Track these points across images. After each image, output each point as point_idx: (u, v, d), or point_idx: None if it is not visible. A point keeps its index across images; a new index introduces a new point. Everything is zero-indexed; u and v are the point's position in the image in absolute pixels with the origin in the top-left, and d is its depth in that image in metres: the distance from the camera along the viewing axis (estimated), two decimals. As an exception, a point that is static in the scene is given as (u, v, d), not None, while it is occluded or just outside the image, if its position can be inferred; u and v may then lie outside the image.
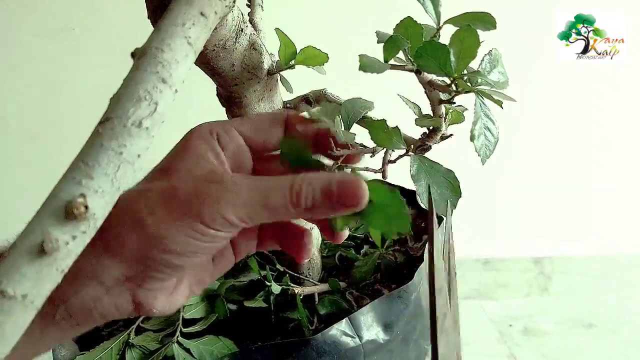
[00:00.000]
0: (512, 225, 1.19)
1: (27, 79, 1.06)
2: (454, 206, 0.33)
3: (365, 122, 0.35)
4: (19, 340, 0.21)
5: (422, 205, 0.33)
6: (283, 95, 0.47)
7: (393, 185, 0.59)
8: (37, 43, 1.04)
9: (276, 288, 0.51)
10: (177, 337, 0.47)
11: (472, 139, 0.32)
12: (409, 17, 0.31)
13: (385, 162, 0.35)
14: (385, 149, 0.35)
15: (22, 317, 0.21)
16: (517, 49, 1.04)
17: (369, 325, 0.45)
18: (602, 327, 1.06)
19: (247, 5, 0.49)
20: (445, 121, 0.35)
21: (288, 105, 0.46)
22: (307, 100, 0.45)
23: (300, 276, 0.56)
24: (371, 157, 0.35)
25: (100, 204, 0.22)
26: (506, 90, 0.33)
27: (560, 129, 1.15)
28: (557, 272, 1.19)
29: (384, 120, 0.33)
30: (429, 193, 0.31)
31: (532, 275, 1.18)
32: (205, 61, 0.38)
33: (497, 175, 1.14)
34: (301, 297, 0.51)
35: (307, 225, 0.54)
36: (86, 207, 0.21)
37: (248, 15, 0.48)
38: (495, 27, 0.31)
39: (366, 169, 0.34)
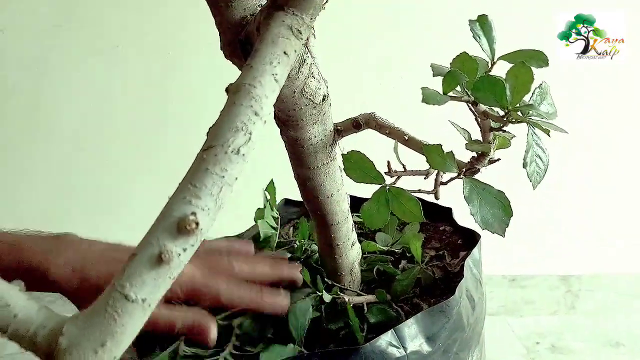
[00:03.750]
0: (539, 242, 1.20)
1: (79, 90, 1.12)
2: (507, 225, 0.35)
3: (423, 146, 0.38)
4: None
5: (479, 225, 0.36)
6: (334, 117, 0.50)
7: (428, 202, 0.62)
8: (89, 59, 1.10)
9: (327, 297, 0.54)
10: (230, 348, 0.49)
11: (524, 165, 0.35)
12: (464, 52, 0.34)
13: (438, 183, 0.38)
14: (437, 171, 0.38)
15: (141, 319, 0.24)
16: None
17: (413, 336, 0.48)
18: (631, 347, 1.07)
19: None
20: (493, 146, 0.38)
21: (339, 127, 0.50)
22: (357, 123, 0.48)
23: (344, 288, 0.59)
24: (425, 179, 0.38)
25: (206, 220, 0.25)
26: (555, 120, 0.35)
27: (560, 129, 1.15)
28: (584, 290, 1.20)
29: (439, 145, 0.36)
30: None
31: (560, 293, 1.19)
32: None
33: (522, 190, 1.15)
34: (351, 306, 0.54)
35: (351, 240, 0.57)
36: (197, 223, 0.25)
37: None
38: (547, 65, 0.34)
39: (419, 190, 0.37)
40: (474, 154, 0.39)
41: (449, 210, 0.65)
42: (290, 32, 0.31)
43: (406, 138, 0.43)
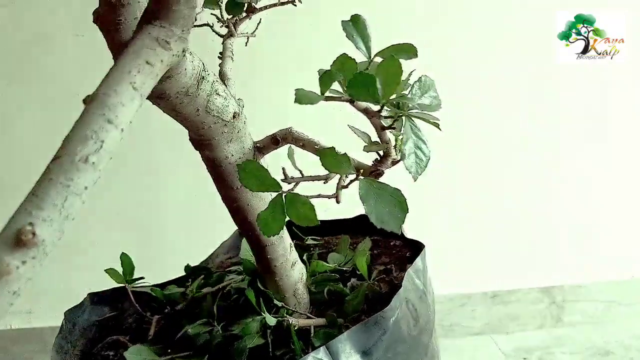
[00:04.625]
0: (517, 255, 1.17)
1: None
2: (402, 221, 0.35)
3: (317, 150, 0.38)
4: None
5: (374, 223, 0.35)
6: (253, 135, 0.50)
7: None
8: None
9: (271, 320, 0.52)
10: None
11: (402, 158, 0.34)
12: (344, 53, 0.34)
13: (339, 187, 0.37)
14: (339, 176, 0.38)
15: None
16: (517, 49, 1.08)
17: (347, 352, 0.46)
18: (620, 355, 1.03)
19: (218, 57, 0.53)
20: (395, 147, 0.38)
21: (258, 145, 0.49)
22: (275, 139, 0.48)
23: (293, 311, 0.57)
24: (324, 183, 0.37)
25: (49, 231, 0.25)
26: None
27: (560, 130, 1.13)
28: (569, 301, 1.16)
29: (333, 148, 0.36)
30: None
31: (544, 305, 1.15)
32: (171, 107, 0.42)
33: (497, 205, 1.13)
34: (295, 329, 0.52)
35: (290, 260, 0.56)
36: (34, 233, 0.24)
37: (219, 65, 0.52)
38: (416, 56, 0.34)
39: (319, 195, 0.36)
40: (377, 156, 0.38)
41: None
42: (156, 43, 0.31)
43: (316, 147, 0.43)
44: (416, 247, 0.63)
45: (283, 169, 0.40)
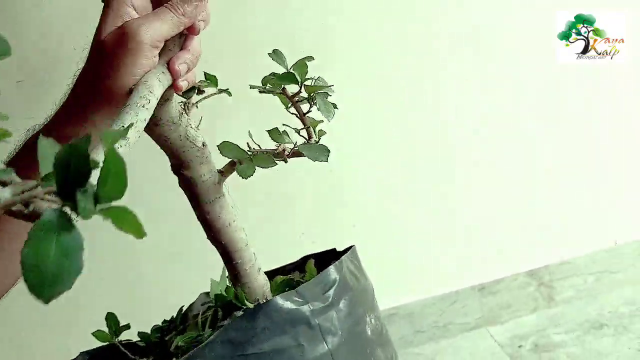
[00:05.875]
0: (496, 243, 1.17)
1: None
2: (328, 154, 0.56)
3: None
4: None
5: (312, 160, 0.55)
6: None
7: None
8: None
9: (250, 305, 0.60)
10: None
11: (318, 108, 0.53)
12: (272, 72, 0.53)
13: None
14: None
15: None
16: (517, 49, 1.08)
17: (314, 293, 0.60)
18: (614, 326, 1.05)
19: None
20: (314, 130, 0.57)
21: (220, 170, 0.60)
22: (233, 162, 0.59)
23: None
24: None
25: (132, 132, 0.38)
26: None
27: (560, 130, 1.15)
28: (557, 280, 1.16)
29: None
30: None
31: (533, 288, 1.16)
32: (162, 133, 0.53)
33: (468, 194, 1.13)
34: None
35: (256, 266, 0.64)
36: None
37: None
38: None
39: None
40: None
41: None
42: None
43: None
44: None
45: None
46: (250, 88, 0.55)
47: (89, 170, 0.23)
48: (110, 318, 0.64)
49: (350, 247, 0.69)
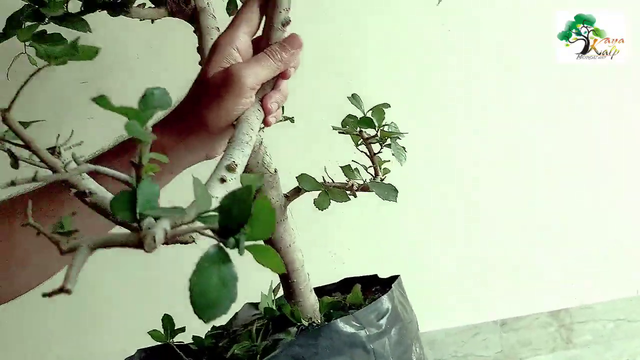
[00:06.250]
0: (521, 282, 1.17)
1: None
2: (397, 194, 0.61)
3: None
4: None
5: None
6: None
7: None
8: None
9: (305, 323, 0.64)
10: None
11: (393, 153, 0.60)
12: (349, 114, 0.61)
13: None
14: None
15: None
16: (517, 49, 1.08)
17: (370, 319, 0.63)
18: None
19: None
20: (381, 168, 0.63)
21: (286, 194, 0.65)
22: (298, 188, 0.63)
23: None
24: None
25: (239, 165, 0.42)
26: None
27: (560, 130, 1.14)
28: (577, 323, 1.18)
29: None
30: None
31: (554, 328, 1.18)
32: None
33: (496, 231, 1.14)
34: None
35: (309, 286, 0.67)
36: (235, 164, 0.40)
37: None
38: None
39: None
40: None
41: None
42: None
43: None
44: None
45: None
46: (333, 129, 0.61)
47: (248, 215, 0.26)
48: (167, 320, 0.67)
49: (396, 276, 0.72)
